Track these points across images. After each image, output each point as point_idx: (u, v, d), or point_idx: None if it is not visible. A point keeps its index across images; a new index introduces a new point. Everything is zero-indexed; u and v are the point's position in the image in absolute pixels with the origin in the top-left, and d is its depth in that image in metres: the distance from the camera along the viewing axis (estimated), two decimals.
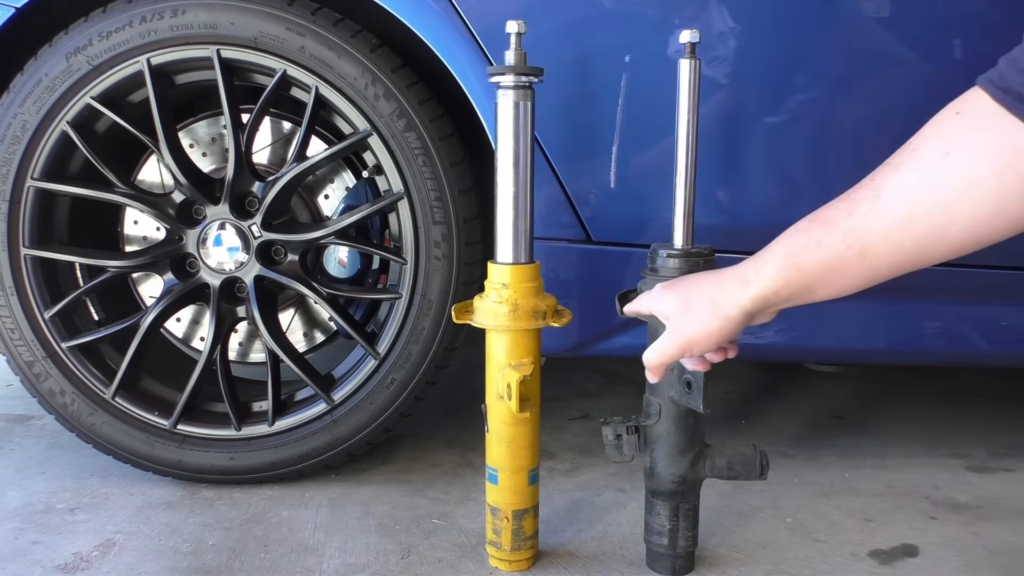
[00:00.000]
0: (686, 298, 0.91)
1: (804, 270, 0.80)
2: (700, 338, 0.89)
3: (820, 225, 0.79)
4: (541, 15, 1.24)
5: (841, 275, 0.78)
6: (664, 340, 0.93)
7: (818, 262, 0.79)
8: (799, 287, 0.82)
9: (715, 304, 0.87)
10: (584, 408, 1.90)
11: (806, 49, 1.27)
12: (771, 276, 0.83)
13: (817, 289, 0.81)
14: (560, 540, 1.26)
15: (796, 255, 0.81)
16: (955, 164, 0.69)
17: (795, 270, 0.81)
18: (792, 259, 0.81)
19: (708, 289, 0.89)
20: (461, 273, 1.35)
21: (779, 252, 0.83)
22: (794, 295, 0.83)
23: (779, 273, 0.82)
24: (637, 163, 1.30)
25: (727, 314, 0.87)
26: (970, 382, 2.11)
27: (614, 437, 1.12)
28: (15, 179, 1.35)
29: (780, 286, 0.83)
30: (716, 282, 0.89)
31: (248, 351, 1.75)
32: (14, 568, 1.18)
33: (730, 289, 0.86)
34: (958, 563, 1.21)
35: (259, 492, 1.43)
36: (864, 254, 0.76)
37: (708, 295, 0.89)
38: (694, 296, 0.90)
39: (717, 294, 0.88)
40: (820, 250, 0.78)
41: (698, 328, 0.89)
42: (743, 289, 0.85)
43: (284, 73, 1.31)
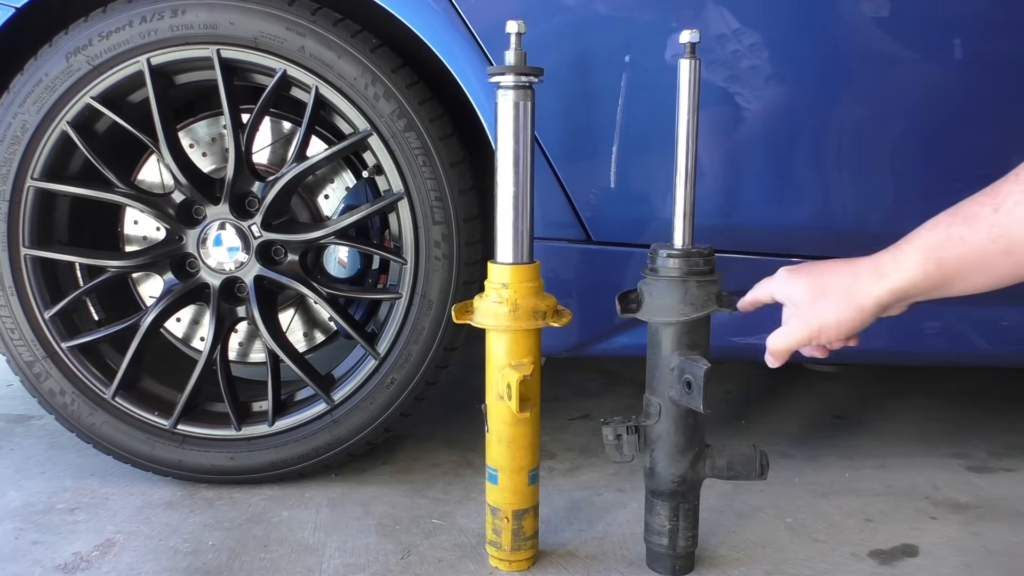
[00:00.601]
0: (819, 285, 0.89)
1: (945, 265, 0.79)
2: (831, 327, 0.88)
3: (963, 219, 0.77)
4: (541, 15, 1.24)
5: (983, 271, 0.77)
6: (795, 326, 0.91)
7: (961, 257, 0.77)
8: (938, 281, 0.80)
9: (850, 294, 0.86)
10: (584, 408, 1.90)
11: (806, 49, 1.27)
12: (910, 269, 0.81)
13: (956, 284, 0.80)
14: (560, 540, 1.26)
15: (937, 249, 0.79)
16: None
17: (935, 264, 0.79)
18: (933, 253, 0.79)
19: (843, 278, 0.88)
20: (461, 273, 1.35)
21: (919, 245, 0.81)
22: (931, 289, 0.82)
23: (918, 267, 0.81)
24: (637, 163, 1.30)
25: (861, 305, 0.85)
26: (970, 382, 2.11)
27: (614, 437, 1.12)
28: (15, 179, 1.35)
29: (919, 280, 0.81)
30: (851, 271, 0.87)
31: (248, 351, 1.75)
32: (14, 568, 1.18)
33: (866, 280, 0.85)
34: (958, 563, 1.21)
35: (259, 492, 1.43)
36: (1011, 251, 0.74)
37: (843, 284, 0.87)
38: (828, 284, 0.89)
39: (853, 283, 0.86)
40: (963, 245, 0.77)
41: (831, 317, 0.88)
42: (879, 281, 0.84)
43: (284, 73, 1.31)
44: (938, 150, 1.29)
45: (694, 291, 1.06)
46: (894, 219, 1.31)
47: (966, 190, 1.29)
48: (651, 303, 1.08)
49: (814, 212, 1.32)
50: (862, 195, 1.31)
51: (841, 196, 1.32)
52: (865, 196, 1.31)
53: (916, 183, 1.30)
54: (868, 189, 1.31)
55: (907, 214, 1.31)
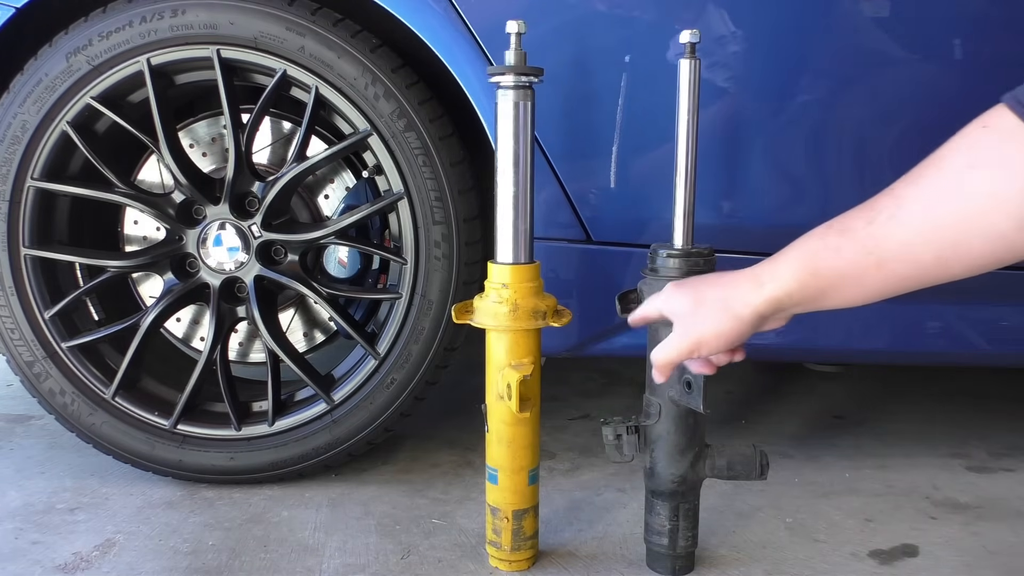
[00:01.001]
0: (698, 297, 0.90)
1: (820, 276, 0.79)
2: (710, 338, 0.88)
3: (839, 232, 0.78)
4: (541, 15, 1.24)
5: (856, 284, 0.78)
6: (673, 339, 0.91)
7: (835, 269, 0.78)
8: (813, 292, 0.81)
9: (727, 304, 0.86)
10: (584, 408, 1.90)
11: (806, 49, 1.27)
12: (786, 279, 0.82)
13: (831, 296, 0.81)
14: (560, 540, 1.26)
15: (813, 260, 0.80)
16: (978, 178, 0.68)
17: (811, 275, 0.80)
18: (808, 264, 0.80)
19: (721, 289, 0.88)
20: (461, 273, 1.35)
21: (795, 256, 0.82)
22: (807, 300, 0.82)
23: (794, 277, 0.81)
24: (637, 163, 1.30)
25: (739, 315, 0.85)
26: (970, 382, 2.11)
27: (614, 437, 1.12)
28: (15, 179, 1.35)
29: (794, 290, 0.82)
30: (730, 282, 0.88)
31: (248, 351, 1.75)
32: (14, 568, 1.18)
33: (743, 290, 0.85)
34: (958, 563, 1.21)
35: (259, 492, 1.43)
36: (882, 264, 0.75)
37: (721, 295, 0.87)
38: (706, 295, 0.89)
39: (730, 294, 0.86)
40: (838, 257, 0.77)
41: (709, 328, 0.88)
42: (756, 291, 0.84)
43: (284, 73, 1.31)
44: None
45: None
46: None
47: None
48: None
49: (814, 212, 1.32)
50: (863, 195, 1.31)
51: (841, 196, 1.32)
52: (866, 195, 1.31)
53: None
54: (868, 189, 1.31)
55: None
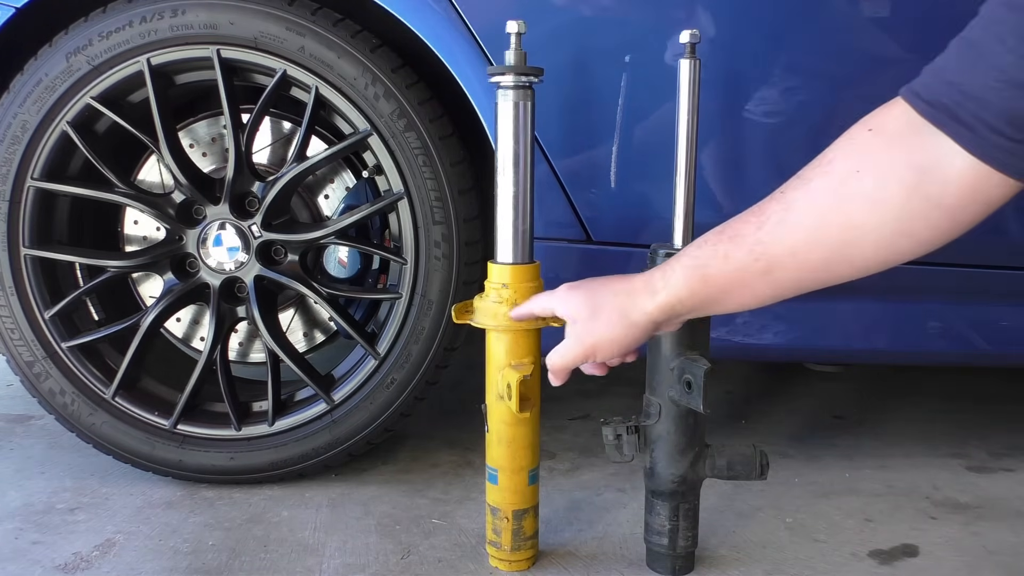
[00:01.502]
0: (594, 302, 0.90)
1: (710, 282, 0.80)
2: (605, 344, 0.90)
3: (728, 238, 0.78)
4: (541, 15, 1.24)
5: (746, 289, 0.78)
6: (569, 344, 0.92)
7: (724, 275, 0.78)
8: (704, 298, 0.82)
9: (623, 311, 0.87)
10: (584, 408, 1.90)
11: (806, 49, 1.27)
12: (677, 286, 0.83)
13: (722, 301, 0.81)
14: (560, 540, 1.26)
15: (703, 267, 0.80)
16: (863, 183, 0.68)
17: (701, 282, 0.81)
18: (699, 271, 0.81)
19: (617, 296, 0.89)
20: (461, 273, 1.35)
21: (687, 263, 0.82)
22: (699, 306, 0.83)
23: (685, 284, 0.82)
24: (637, 163, 1.30)
25: (634, 321, 0.87)
26: (970, 382, 2.11)
27: (614, 437, 1.12)
28: (15, 179, 1.35)
29: (685, 296, 0.83)
30: (625, 289, 0.89)
31: (248, 351, 1.75)
32: (14, 568, 1.18)
33: (638, 297, 0.86)
34: (958, 563, 1.21)
35: (259, 492, 1.43)
36: (770, 269, 0.75)
37: (617, 302, 0.88)
38: (602, 302, 0.90)
39: (626, 301, 0.87)
40: (727, 263, 0.78)
41: (604, 334, 0.89)
42: (651, 298, 0.85)
43: (284, 73, 1.31)
44: None
45: None
46: None
47: None
48: None
49: None
50: None
51: None
52: None
53: None
54: None
55: None
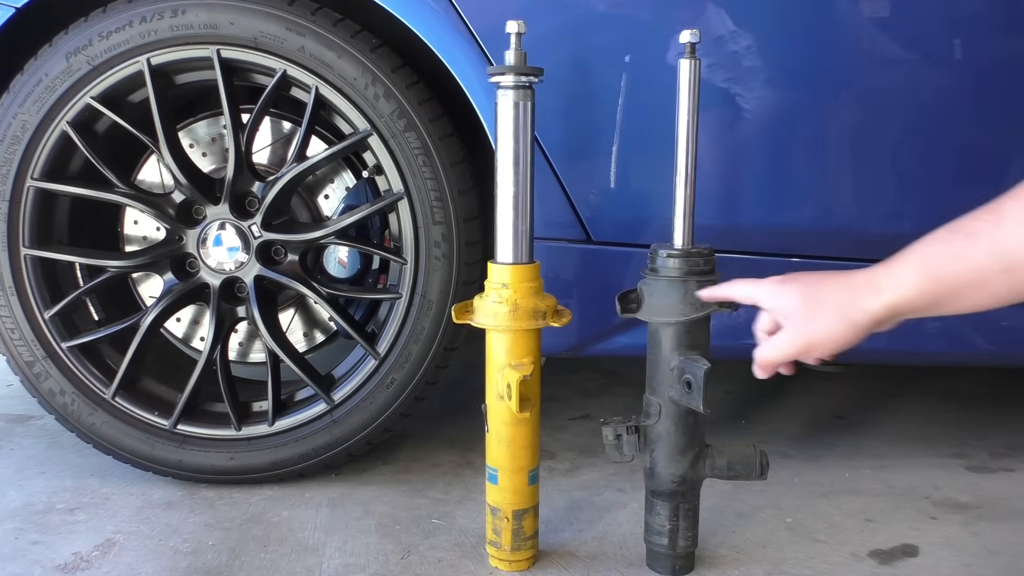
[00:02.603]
0: (814, 298, 0.87)
1: (942, 282, 0.77)
2: (825, 342, 0.86)
3: (963, 236, 0.75)
4: (541, 15, 1.24)
5: (981, 290, 0.75)
6: (785, 339, 0.89)
7: (959, 274, 0.75)
8: (934, 298, 0.78)
9: (844, 310, 0.84)
10: (584, 408, 1.90)
11: (805, 50, 1.27)
12: (906, 285, 0.79)
13: (952, 302, 0.78)
14: (560, 540, 1.26)
15: (935, 265, 0.77)
16: None
17: (932, 281, 0.77)
18: (930, 269, 0.77)
19: (839, 292, 0.85)
20: (461, 273, 1.35)
21: (916, 261, 0.79)
22: (928, 306, 0.80)
23: (915, 283, 0.79)
24: (637, 163, 1.30)
25: (856, 320, 0.83)
26: (970, 382, 2.11)
27: (614, 437, 1.12)
28: (15, 179, 1.35)
29: (914, 296, 0.79)
30: (847, 286, 0.85)
31: (248, 351, 1.75)
32: (14, 568, 1.18)
33: (862, 295, 0.83)
34: (958, 563, 1.21)
35: (259, 492, 1.43)
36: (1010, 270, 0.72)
37: (839, 299, 0.85)
38: (823, 297, 0.86)
39: (849, 298, 0.84)
40: (961, 262, 0.75)
41: (824, 332, 0.86)
42: (875, 296, 0.82)
43: (284, 73, 1.31)
44: (937, 151, 1.29)
45: (694, 291, 1.06)
46: (892, 220, 1.31)
47: (965, 190, 1.29)
48: (651, 303, 1.08)
49: (813, 213, 1.32)
50: (861, 196, 1.31)
51: (842, 197, 1.32)
52: (864, 197, 1.32)
53: (915, 184, 1.30)
54: (867, 190, 1.31)
55: (906, 215, 1.32)
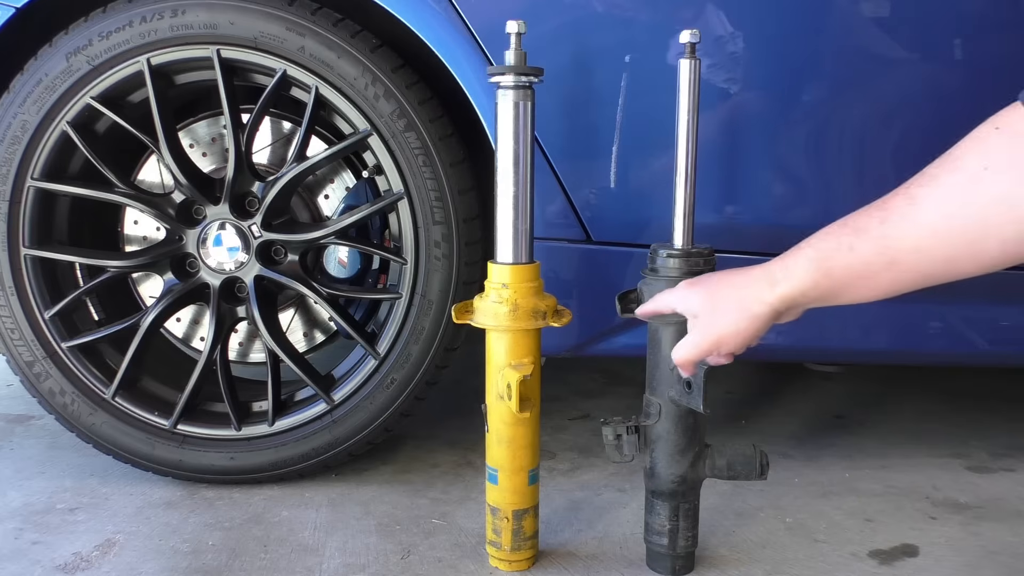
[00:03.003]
0: (714, 297, 0.92)
1: (833, 274, 0.80)
2: (729, 337, 0.90)
3: (852, 230, 0.79)
4: (541, 15, 1.24)
5: (868, 282, 0.79)
6: (694, 339, 0.94)
7: (847, 267, 0.79)
8: (826, 290, 0.82)
9: (744, 304, 0.88)
10: (584, 408, 1.90)
11: (805, 50, 1.27)
12: (800, 277, 0.83)
13: (843, 294, 0.82)
14: (560, 540, 1.26)
15: (826, 259, 0.81)
16: (992, 180, 0.69)
17: (823, 274, 0.81)
18: (822, 262, 0.81)
19: (737, 289, 0.90)
20: (461, 273, 1.35)
21: (809, 254, 0.83)
22: (820, 298, 0.84)
23: (807, 275, 0.82)
24: (637, 163, 1.30)
25: (755, 313, 0.87)
26: (970, 382, 2.11)
27: (614, 437, 1.12)
28: (15, 179, 1.35)
29: (807, 287, 0.83)
30: (744, 281, 0.90)
31: (248, 351, 1.75)
32: (14, 568, 1.18)
33: (758, 288, 0.87)
34: (958, 563, 1.21)
35: (259, 492, 1.43)
36: (894, 263, 0.76)
37: (736, 294, 0.89)
38: (723, 295, 0.91)
39: (746, 293, 0.88)
40: (851, 255, 0.78)
41: (728, 326, 0.90)
42: (771, 288, 0.86)
43: (284, 73, 1.31)
44: (939, 150, 1.29)
45: None
46: None
47: None
48: None
49: (813, 213, 1.32)
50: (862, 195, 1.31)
51: (840, 196, 1.32)
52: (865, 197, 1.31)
53: None
54: (867, 190, 1.31)
55: None
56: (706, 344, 0.93)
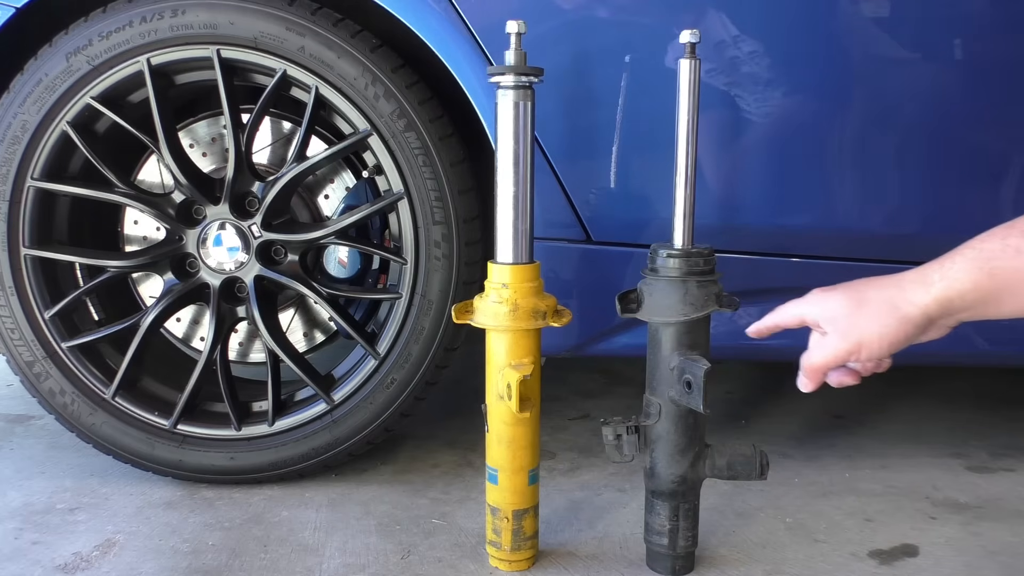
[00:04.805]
0: (858, 297, 0.85)
1: (996, 276, 0.76)
2: (874, 339, 0.83)
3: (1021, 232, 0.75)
4: (541, 15, 1.24)
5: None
6: (832, 341, 0.86)
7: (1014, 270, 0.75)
8: (986, 294, 0.77)
9: (893, 305, 0.81)
10: (584, 408, 1.90)
11: (804, 51, 1.27)
12: (959, 278, 0.78)
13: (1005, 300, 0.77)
14: (560, 540, 1.26)
15: (990, 260, 0.76)
16: None
17: (986, 275, 0.77)
18: (985, 263, 0.77)
19: (885, 289, 0.83)
20: (461, 273, 1.35)
21: (969, 255, 0.78)
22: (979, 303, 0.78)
23: (968, 276, 0.77)
24: (637, 163, 1.30)
25: (906, 315, 0.81)
26: (970, 382, 2.11)
27: (614, 437, 1.12)
28: (15, 179, 1.35)
29: (967, 289, 0.78)
30: (894, 282, 0.83)
31: (248, 351, 1.75)
32: (14, 568, 1.18)
33: (910, 289, 0.81)
34: (958, 563, 1.21)
35: (259, 492, 1.43)
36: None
37: (886, 295, 0.83)
38: (869, 296, 0.84)
39: (896, 294, 0.82)
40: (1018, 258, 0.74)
41: (873, 329, 0.82)
42: (926, 290, 0.80)
43: (284, 73, 1.31)
44: (939, 150, 1.29)
45: (694, 291, 1.06)
46: (895, 220, 1.31)
47: (966, 191, 1.29)
48: (651, 303, 1.08)
49: (815, 213, 1.32)
50: (863, 196, 1.31)
51: (842, 197, 1.32)
52: (866, 196, 1.32)
53: (915, 183, 1.31)
54: (867, 190, 1.31)
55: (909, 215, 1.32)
56: (845, 348, 0.84)
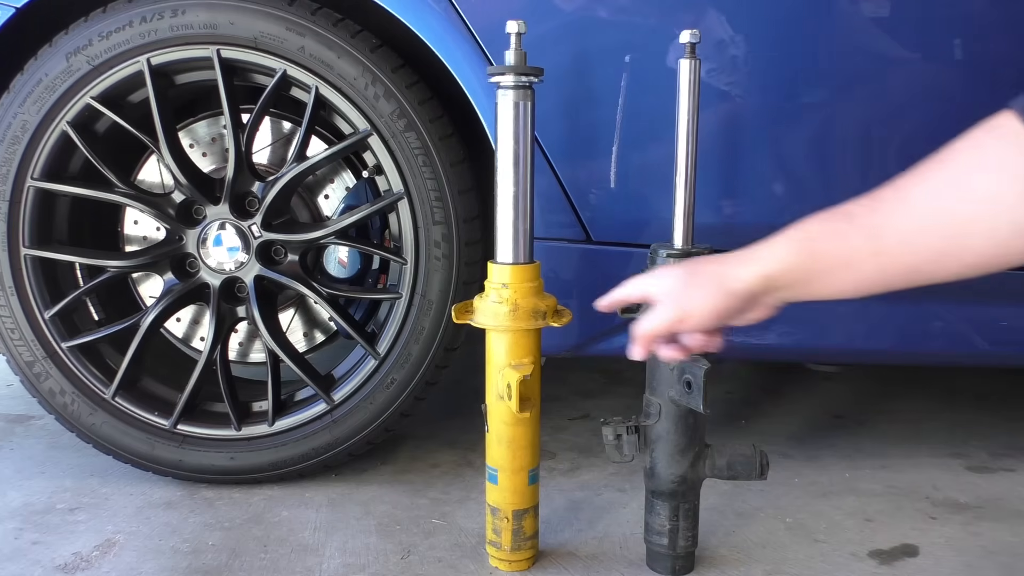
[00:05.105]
0: (691, 272, 0.90)
1: (816, 256, 0.79)
2: (699, 310, 0.87)
3: (841, 216, 0.78)
4: (541, 15, 1.24)
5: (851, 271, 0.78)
6: (660, 310, 0.90)
7: (833, 252, 0.78)
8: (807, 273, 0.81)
9: (719, 278, 0.86)
10: (584, 408, 1.90)
11: (804, 51, 1.27)
12: (781, 256, 0.82)
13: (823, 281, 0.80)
14: (560, 540, 1.26)
15: (812, 240, 0.80)
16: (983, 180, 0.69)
17: (808, 255, 0.80)
18: (807, 243, 0.80)
19: (715, 264, 0.88)
20: (461, 273, 1.35)
21: (795, 236, 0.82)
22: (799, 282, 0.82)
23: (789, 255, 0.81)
24: (637, 163, 1.30)
25: (731, 289, 0.85)
26: (970, 382, 2.11)
27: (614, 437, 1.12)
28: (15, 179, 1.35)
29: (789, 266, 0.81)
30: (724, 259, 0.88)
31: (248, 351, 1.75)
32: (14, 568, 1.18)
33: (737, 265, 0.85)
34: (958, 563, 1.21)
35: (259, 492, 1.43)
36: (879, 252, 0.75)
37: (716, 269, 0.87)
38: (701, 269, 0.89)
39: (725, 269, 0.86)
40: (837, 239, 0.78)
41: (699, 300, 0.87)
42: (750, 266, 0.84)
43: (284, 73, 1.31)
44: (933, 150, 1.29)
45: None
46: None
47: None
48: None
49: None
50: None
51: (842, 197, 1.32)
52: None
53: None
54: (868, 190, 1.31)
55: None
56: (671, 315, 0.89)
